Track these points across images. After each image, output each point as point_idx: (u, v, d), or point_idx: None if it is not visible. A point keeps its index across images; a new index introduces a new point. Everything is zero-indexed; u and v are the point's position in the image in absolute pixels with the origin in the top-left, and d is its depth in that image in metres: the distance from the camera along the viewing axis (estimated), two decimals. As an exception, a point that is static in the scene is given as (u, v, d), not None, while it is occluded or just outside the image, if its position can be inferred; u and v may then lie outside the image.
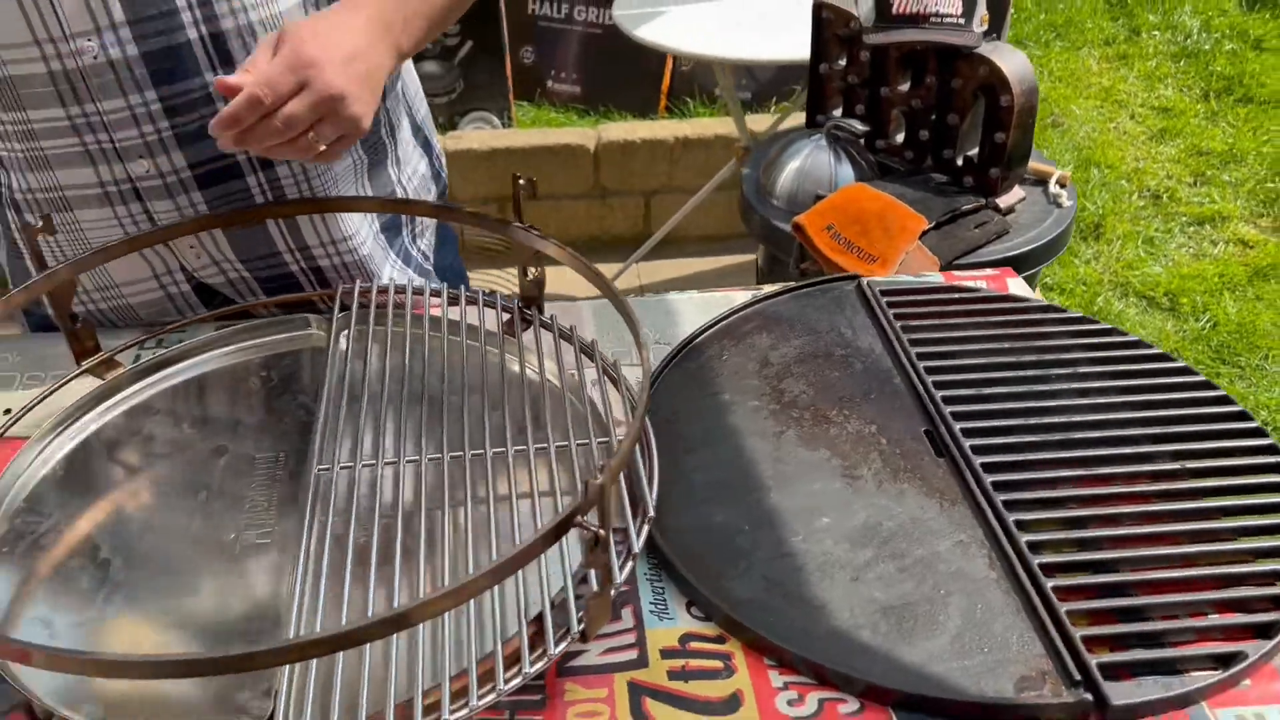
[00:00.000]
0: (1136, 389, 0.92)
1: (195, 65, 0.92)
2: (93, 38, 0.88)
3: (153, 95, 0.92)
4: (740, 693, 0.69)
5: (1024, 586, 0.74)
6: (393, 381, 0.87)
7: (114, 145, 0.93)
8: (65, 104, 0.91)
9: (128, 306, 1.05)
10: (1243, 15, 3.64)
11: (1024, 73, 1.62)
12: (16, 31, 0.87)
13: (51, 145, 0.94)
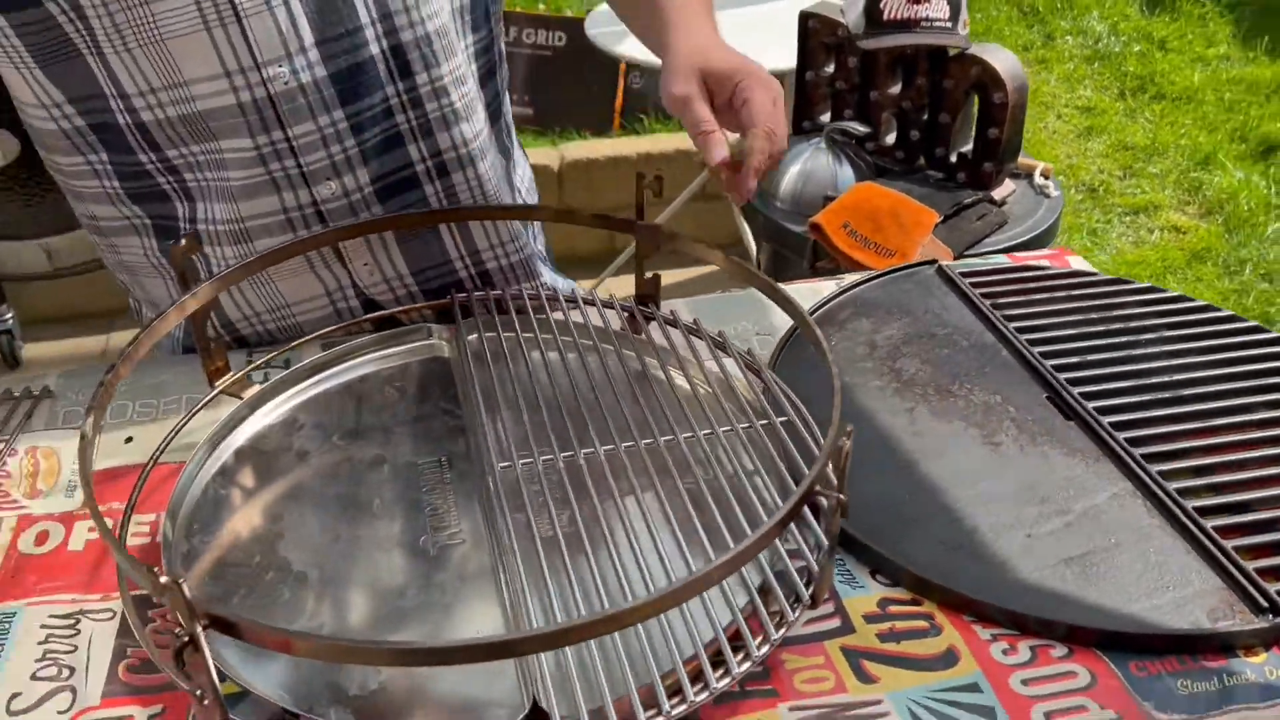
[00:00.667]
0: (1219, 347, 0.99)
1: (378, 80, 0.92)
2: (284, 64, 0.88)
3: (340, 115, 0.92)
4: (954, 648, 0.72)
5: (1187, 529, 0.79)
6: (534, 381, 0.88)
7: (301, 170, 0.93)
8: (253, 134, 0.90)
9: (296, 326, 1.03)
10: (1145, 19, 3.87)
11: (1015, 70, 1.71)
12: (207, 65, 0.86)
13: (238, 176, 0.93)
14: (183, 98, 0.88)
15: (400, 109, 0.94)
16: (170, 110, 0.89)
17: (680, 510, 0.76)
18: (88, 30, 0.85)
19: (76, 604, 0.76)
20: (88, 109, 0.90)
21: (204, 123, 0.90)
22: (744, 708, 0.68)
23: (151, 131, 0.90)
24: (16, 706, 0.68)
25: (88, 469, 0.70)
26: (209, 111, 0.89)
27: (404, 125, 0.96)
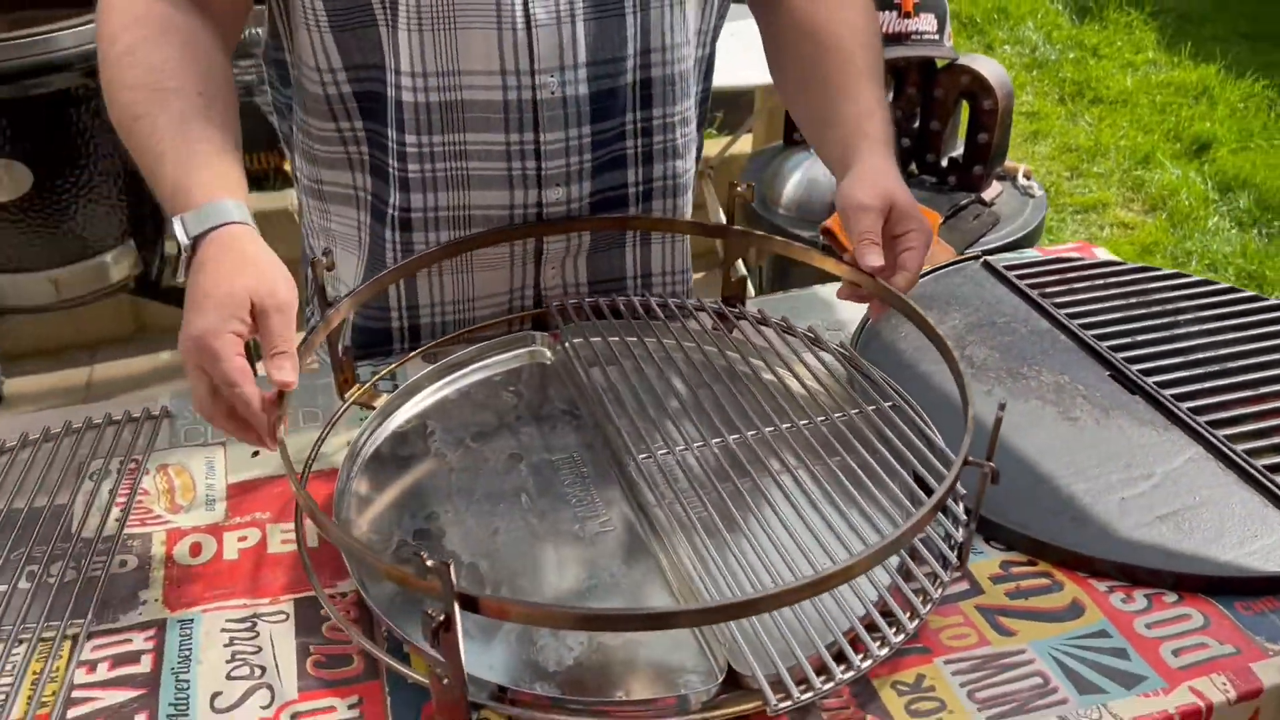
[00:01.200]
0: (1250, 324, 1.09)
1: (623, 106, 1.00)
2: (555, 74, 0.95)
3: (586, 130, 0.98)
4: (1078, 600, 0.79)
5: (1261, 484, 0.87)
6: (647, 378, 0.93)
7: (539, 173, 0.99)
8: (508, 131, 0.96)
9: (469, 320, 1.07)
10: (1075, 28, 4.07)
11: (1003, 78, 1.81)
12: (487, 61, 0.92)
13: (481, 168, 0.98)
14: (453, 85, 0.94)
15: (633, 135, 1.02)
16: (434, 96, 0.94)
17: (819, 488, 0.82)
18: (392, 5, 0.90)
19: (248, 608, 0.79)
20: (361, 78, 0.95)
21: (461, 112, 0.95)
22: (903, 664, 0.74)
23: (406, 112, 0.95)
24: (220, 705, 0.71)
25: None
26: (472, 102, 0.95)
27: (630, 150, 1.03)
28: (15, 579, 0.80)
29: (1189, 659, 0.74)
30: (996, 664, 0.74)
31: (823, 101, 1.03)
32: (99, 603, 0.78)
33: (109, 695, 0.72)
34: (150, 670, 0.74)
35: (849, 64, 1.02)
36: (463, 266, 1.04)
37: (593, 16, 0.94)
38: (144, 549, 0.84)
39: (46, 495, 0.88)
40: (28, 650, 0.75)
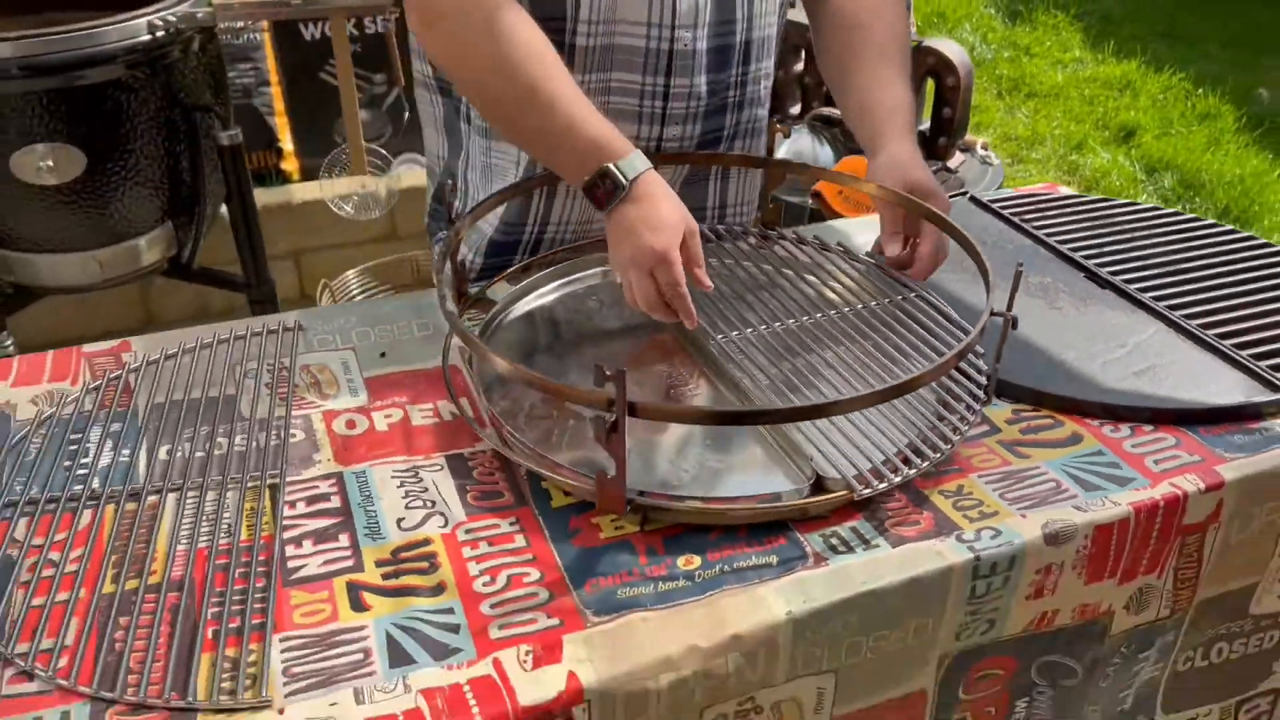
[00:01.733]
0: (1189, 236, 1.31)
1: (731, 61, 1.20)
2: (689, 30, 1.15)
3: (703, 79, 1.18)
4: (1076, 432, 0.99)
5: (1213, 347, 1.09)
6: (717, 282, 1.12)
7: (664, 111, 1.18)
8: (645, 73, 1.15)
9: (580, 237, 1.25)
10: (1008, 29, 4.36)
11: (963, 58, 2.04)
12: (638, 13, 1.13)
13: (619, 102, 1.17)
14: (611, 32, 1.14)
15: (736, 85, 1.22)
16: (600, 40, 1.14)
17: (870, 351, 1.02)
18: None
19: (408, 463, 0.95)
20: (549, 29, 1.11)
21: (613, 55, 1.15)
22: (945, 480, 0.93)
23: (576, 54, 1.14)
24: (405, 525, 0.88)
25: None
26: (622, 46, 1.15)
27: (732, 98, 1.23)
28: (211, 446, 0.96)
29: (1166, 465, 0.95)
30: (1018, 476, 0.94)
31: (859, 89, 1.22)
32: (285, 461, 0.94)
33: (312, 523, 0.88)
34: (340, 505, 0.90)
35: (884, 58, 1.22)
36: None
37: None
38: (307, 425, 1.00)
39: (216, 388, 1.04)
40: (239, 494, 0.90)
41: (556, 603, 0.81)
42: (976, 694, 0.92)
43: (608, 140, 1.03)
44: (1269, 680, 1.11)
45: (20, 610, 0.79)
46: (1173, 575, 0.96)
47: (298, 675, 0.75)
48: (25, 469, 0.93)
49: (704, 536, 0.87)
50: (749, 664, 0.79)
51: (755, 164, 1.26)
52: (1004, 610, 0.88)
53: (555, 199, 1.23)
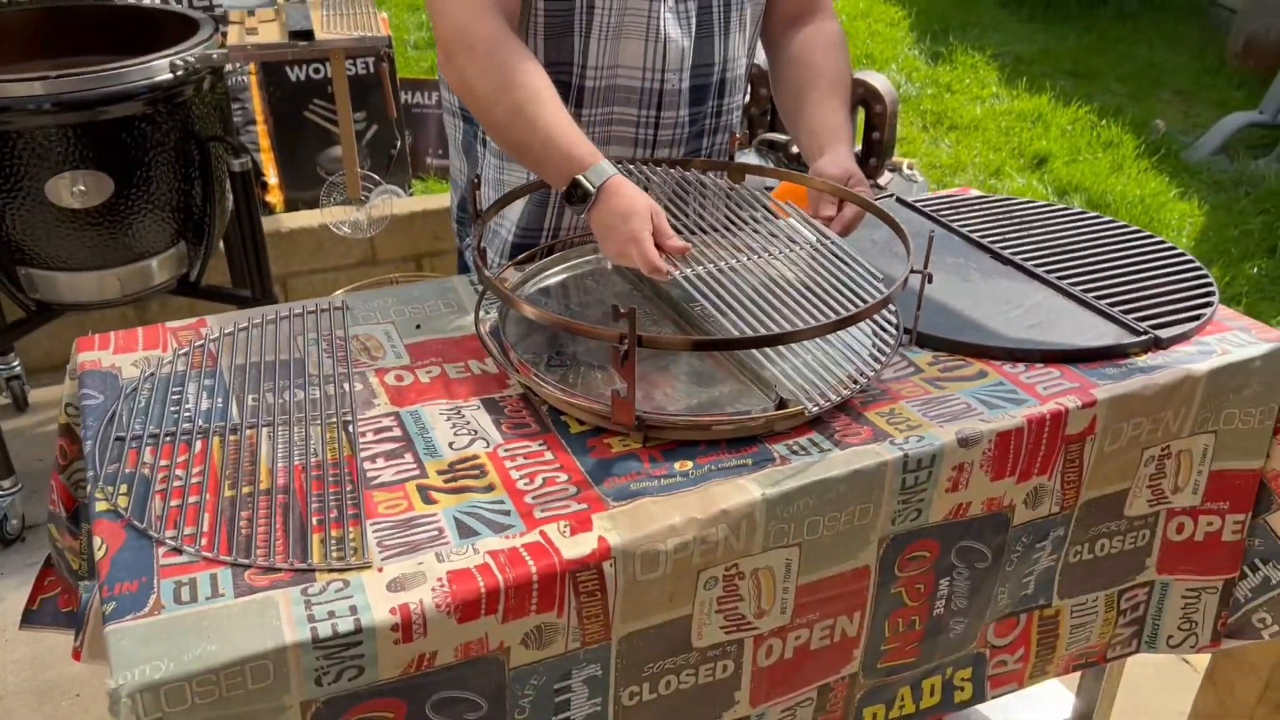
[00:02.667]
0: (1070, 224, 1.59)
1: (708, 97, 1.48)
2: (675, 73, 1.42)
3: (685, 112, 1.46)
4: (982, 369, 1.25)
5: (1090, 304, 1.35)
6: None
7: (654, 138, 1.46)
8: (640, 107, 1.43)
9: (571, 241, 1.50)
10: (931, 69, 4.72)
11: (889, 88, 2.32)
12: (635, 60, 1.42)
13: (618, 130, 1.46)
14: (612, 75, 1.42)
15: (711, 115, 1.51)
16: (604, 82, 1.42)
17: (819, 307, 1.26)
18: (588, 22, 1.38)
19: (452, 404, 1.18)
20: (554, 71, 1.37)
21: (615, 94, 1.43)
22: (879, 405, 1.18)
23: (585, 94, 1.42)
24: (457, 446, 1.10)
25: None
26: (620, 87, 1.42)
27: (709, 125, 1.51)
28: (290, 395, 1.17)
29: (1053, 390, 1.20)
30: (937, 401, 1.19)
31: (810, 115, 1.48)
32: (353, 403, 1.16)
33: (380, 446, 1.10)
34: (401, 433, 1.12)
35: (832, 93, 1.48)
36: None
37: (699, 36, 1.43)
38: (364, 379, 1.22)
39: (285, 353, 1.25)
40: (321, 428, 1.12)
41: (583, 494, 1.04)
42: (909, 572, 1.16)
43: (579, 155, 1.25)
44: (1143, 574, 1.37)
45: (162, 510, 1.00)
46: (1060, 477, 1.21)
47: (389, 546, 0.97)
48: (141, 413, 1.14)
49: (694, 448, 1.11)
50: (734, 534, 1.03)
51: (719, 167, 1.51)
52: (928, 501, 1.13)
53: (566, 209, 1.48)
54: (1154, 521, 1.33)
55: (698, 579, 1.03)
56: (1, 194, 2.01)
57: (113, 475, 1.04)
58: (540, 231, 1.52)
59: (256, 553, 0.95)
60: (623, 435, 1.12)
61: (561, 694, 1.01)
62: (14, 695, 1.96)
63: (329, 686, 0.89)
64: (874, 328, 1.27)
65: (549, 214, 1.51)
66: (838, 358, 1.20)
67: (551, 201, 1.50)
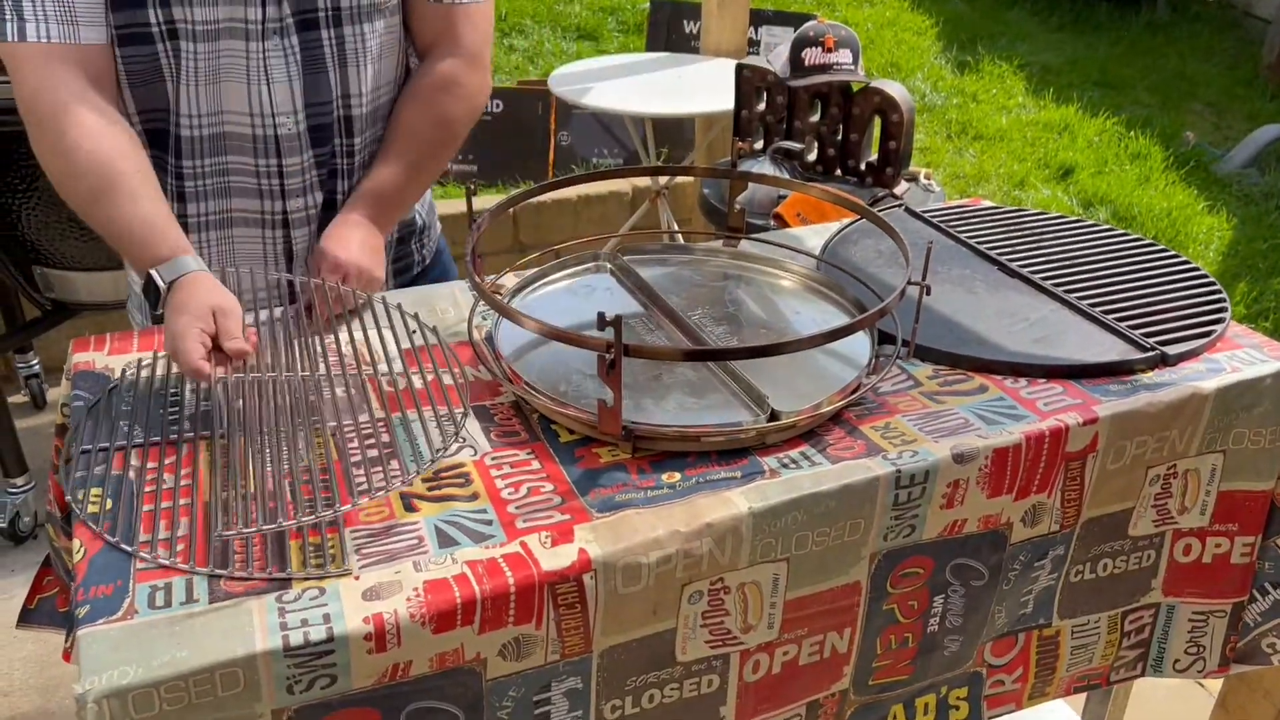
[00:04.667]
0: (1082, 237, 1.56)
1: (331, 135, 1.39)
2: (288, 116, 1.34)
3: (310, 154, 1.38)
4: (983, 384, 1.22)
5: (1096, 319, 1.33)
6: (680, 280, 1.35)
7: (281, 187, 1.38)
8: (257, 156, 1.35)
9: None
10: (957, 78, 4.68)
11: (906, 97, 2.30)
12: (241, 104, 1.32)
13: (238, 181, 1.37)
14: (218, 122, 1.32)
15: (344, 154, 1.42)
16: (206, 130, 1.33)
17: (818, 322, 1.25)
18: (177, 67, 1.28)
19: (444, 408, 1.17)
20: (150, 119, 1.31)
21: (223, 142, 1.34)
22: (875, 419, 1.16)
23: (184, 144, 1.33)
24: (444, 454, 1.09)
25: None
26: (231, 134, 1.34)
27: (341, 165, 1.42)
28: (282, 397, 1.17)
29: (1054, 406, 1.18)
30: (934, 416, 1.16)
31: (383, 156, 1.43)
32: (335, 409, 1.16)
33: (366, 453, 1.10)
34: (389, 440, 1.11)
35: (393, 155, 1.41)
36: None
37: (311, 72, 1.34)
38: (355, 384, 1.21)
39: (279, 356, 1.25)
40: (307, 433, 1.12)
41: (567, 505, 1.02)
42: (902, 588, 1.14)
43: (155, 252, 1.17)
44: (1149, 595, 1.33)
45: (142, 514, 1.00)
46: (1060, 495, 1.18)
47: (367, 555, 0.96)
48: (129, 415, 1.14)
49: (683, 459, 1.09)
50: (719, 548, 1.01)
51: (723, 175, 1.49)
52: (922, 517, 1.11)
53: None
54: (1160, 542, 1.30)
55: (682, 592, 1.02)
56: (18, 194, 2.04)
57: (98, 477, 1.04)
58: None
59: (234, 560, 0.94)
60: (612, 446, 1.11)
61: (541, 706, 1.00)
62: (20, 691, 1.97)
63: (300, 695, 0.88)
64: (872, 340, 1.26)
65: None
66: (835, 369, 1.18)
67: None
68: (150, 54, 1.26)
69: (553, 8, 4.71)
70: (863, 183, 2.41)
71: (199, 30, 1.26)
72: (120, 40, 1.25)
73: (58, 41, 1.19)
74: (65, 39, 1.19)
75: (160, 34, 1.26)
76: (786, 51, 2.45)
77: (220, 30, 1.27)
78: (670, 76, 2.96)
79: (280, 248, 1.42)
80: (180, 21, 1.25)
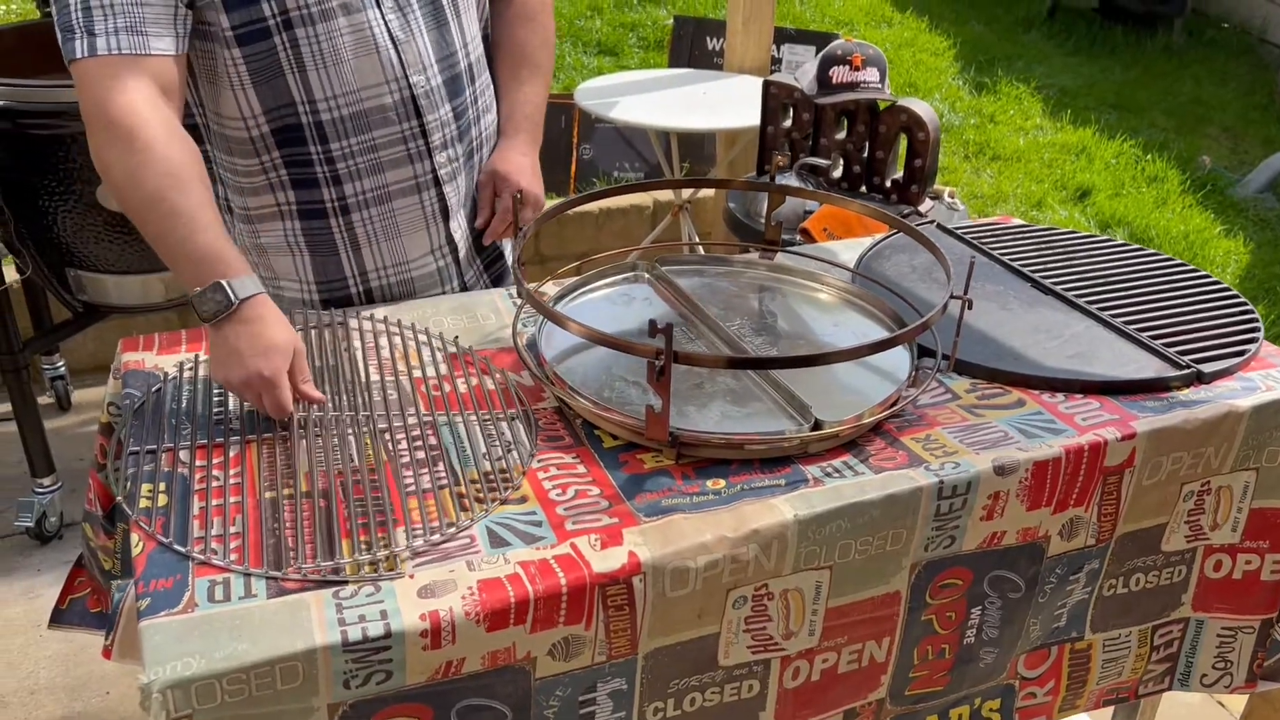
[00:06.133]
0: (1114, 255, 1.58)
1: (463, 84, 1.45)
2: (420, 74, 1.37)
3: (448, 107, 1.42)
4: (1020, 399, 1.24)
5: (1131, 336, 1.34)
6: (726, 289, 1.37)
7: (427, 146, 1.41)
8: (400, 121, 1.38)
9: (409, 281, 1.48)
10: (975, 99, 4.71)
11: (932, 116, 2.32)
12: (373, 75, 1.34)
13: (388, 154, 1.39)
14: (355, 100, 1.34)
15: (473, 101, 1.47)
16: (344, 110, 1.34)
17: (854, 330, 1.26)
18: (297, 56, 1.30)
19: (487, 415, 1.19)
20: (277, 117, 1.33)
21: (365, 118, 1.36)
22: (915, 430, 1.17)
23: (326, 128, 1.34)
24: (491, 456, 1.11)
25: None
26: (370, 109, 1.35)
27: (475, 112, 1.48)
28: (331, 400, 1.18)
29: (1092, 421, 1.19)
30: (974, 429, 1.18)
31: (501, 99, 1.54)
32: (389, 410, 1.17)
33: (416, 454, 1.11)
34: (436, 443, 1.13)
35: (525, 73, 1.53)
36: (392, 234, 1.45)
37: (436, 27, 1.39)
38: (401, 389, 1.23)
39: (328, 360, 1.27)
40: (357, 436, 1.13)
41: (615, 509, 1.04)
42: (941, 599, 1.15)
43: (226, 258, 1.16)
44: (1179, 610, 1.34)
45: (199, 512, 1.01)
46: (1097, 509, 1.19)
47: (421, 553, 0.97)
48: (182, 414, 1.15)
49: (727, 467, 1.11)
50: (764, 554, 1.02)
51: (764, 189, 1.51)
52: (962, 528, 1.12)
53: (361, 251, 1.43)
54: (1191, 558, 1.31)
55: (727, 597, 1.03)
56: (54, 197, 2.06)
57: (150, 474, 1.06)
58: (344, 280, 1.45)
59: (288, 559, 0.96)
60: (655, 451, 1.12)
61: (586, 706, 1.01)
62: (45, 690, 1.98)
63: (356, 690, 0.89)
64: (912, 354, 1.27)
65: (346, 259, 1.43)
66: (875, 381, 1.20)
67: (346, 245, 1.42)
68: (269, 49, 1.28)
69: (574, 23, 4.75)
70: (888, 200, 2.43)
71: (314, 13, 1.28)
72: (239, 40, 1.28)
73: (128, 52, 1.19)
74: (135, 49, 1.19)
75: (276, 26, 1.28)
76: (814, 69, 2.47)
77: (334, 8, 1.30)
78: (694, 92, 2.98)
79: (436, 207, 1.46)
80: (294, 10, 1.27)
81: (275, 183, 1.39)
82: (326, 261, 1.44)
